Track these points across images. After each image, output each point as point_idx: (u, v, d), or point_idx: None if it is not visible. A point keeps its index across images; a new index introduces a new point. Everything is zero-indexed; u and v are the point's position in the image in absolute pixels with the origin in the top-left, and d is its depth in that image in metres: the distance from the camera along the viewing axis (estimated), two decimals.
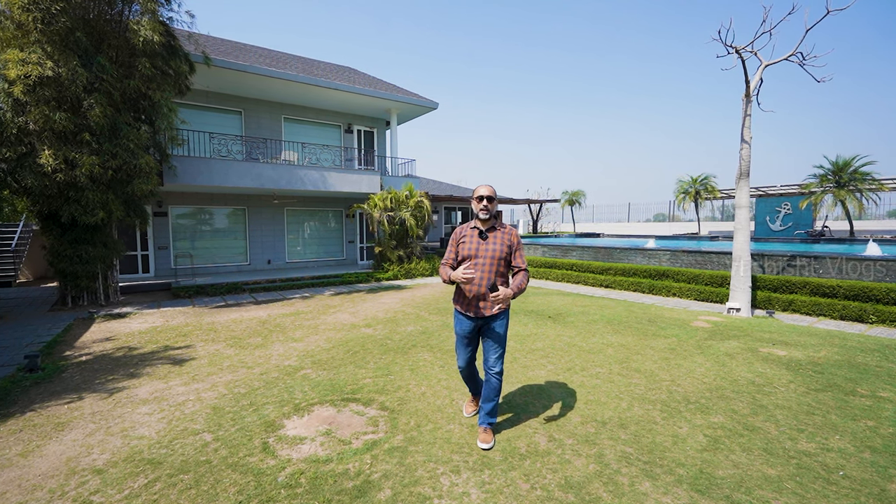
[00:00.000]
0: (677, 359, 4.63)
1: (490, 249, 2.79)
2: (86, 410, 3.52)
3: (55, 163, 7.38)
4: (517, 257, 2.87)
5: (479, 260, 2.78)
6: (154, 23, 8.19)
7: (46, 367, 4.71)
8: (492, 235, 2.84)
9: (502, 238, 2.84)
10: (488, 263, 2.78)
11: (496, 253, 2.79)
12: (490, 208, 2.84)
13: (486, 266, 2.78)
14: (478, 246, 2.82)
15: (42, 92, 7.11)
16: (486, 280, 2.76)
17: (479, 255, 2.79)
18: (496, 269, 2.78)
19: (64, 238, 8.55)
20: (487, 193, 2.83)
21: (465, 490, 2.35)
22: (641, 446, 2.79)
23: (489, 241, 2.82)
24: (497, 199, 2.88)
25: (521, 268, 2.86)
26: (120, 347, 5.61)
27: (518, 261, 2.87)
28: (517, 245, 2.87)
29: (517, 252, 2.87)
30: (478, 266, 2.78)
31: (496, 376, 2.84)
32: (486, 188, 2.86)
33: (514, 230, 2.94)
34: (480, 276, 2.76)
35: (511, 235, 2.88)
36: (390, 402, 3.53)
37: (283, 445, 2.85)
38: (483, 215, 2.83)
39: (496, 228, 2.88)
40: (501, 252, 2.80)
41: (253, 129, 13.76)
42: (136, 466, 2.63)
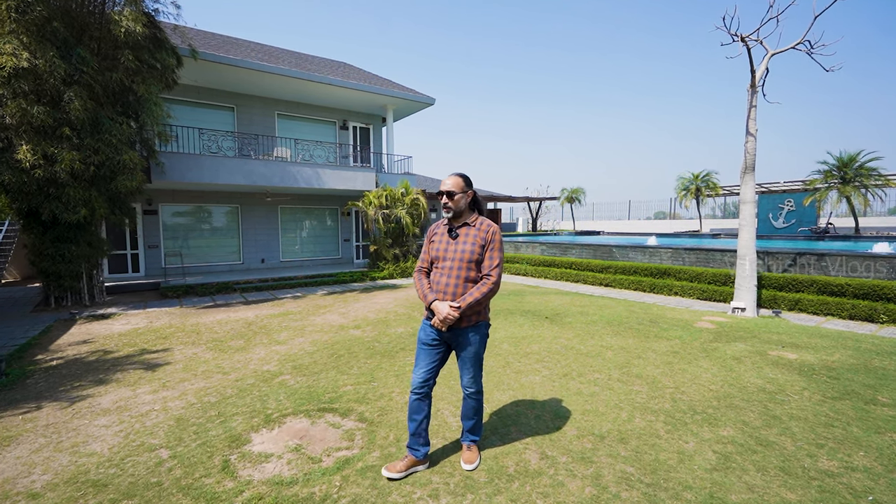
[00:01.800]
0: (681, 363, 4.34)
1: (458, 250, 2.39)
2: (40, 422, 3.25)
3: (33, 158, 7.10)
4: (488, 258, 2.39)
5: (447, 262, 2.40)
6: (137, 13, 7.91)
7: (11, 373, 4.44)
8: (463, 233, 2.43)
9: (475, 236, 2.40)
10: (456, 266, 2.37)
11: (465, 254, 2.37)
12: (452, 204, 2.42)
13: (453, 269, 2.37)
14: (447, 246, 2.44)
15: (18, 84, 6.83)
16: (452, 286, 2.36)
17: (447, 256, 2.41)
18: (465, 274, 2.36)
19: (46, 236, 8.27)
20: (446, 188, 2.41)
21: None
22: (643, 465, 2.51)
23: (459, 241, 2.41)
24: (465, 192, 2.42)
25: (487, 274, 2.37)
26: (95, 351, 5.34)
27: (487, 263, 2.38)
28: (492, 244, 2.40)
29: (491, 252, 2.39)
30: (444, 270, 2.40)
31: (473, 396, 2.51)
32: (449, 180, 2.44)
33: (493, 226, 2.45)
34: (447, 281, 2.38)
35: (486, 233, 2.41)
36: (370, 413, 3.25)
37: (245, 464, 2.57)
38: (445, 213, 2.46)
39: (469, 224, 2.44)
40: (472, 253, 2.37)
41: (245, 125, 13.47)
42: (78, 489, 2.35)
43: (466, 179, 2.48)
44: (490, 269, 2.37)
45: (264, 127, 13.80)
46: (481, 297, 2.32)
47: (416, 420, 2.46)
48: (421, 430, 2.47)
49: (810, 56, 6.71)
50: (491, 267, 2.37)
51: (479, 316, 2.43)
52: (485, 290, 2.33)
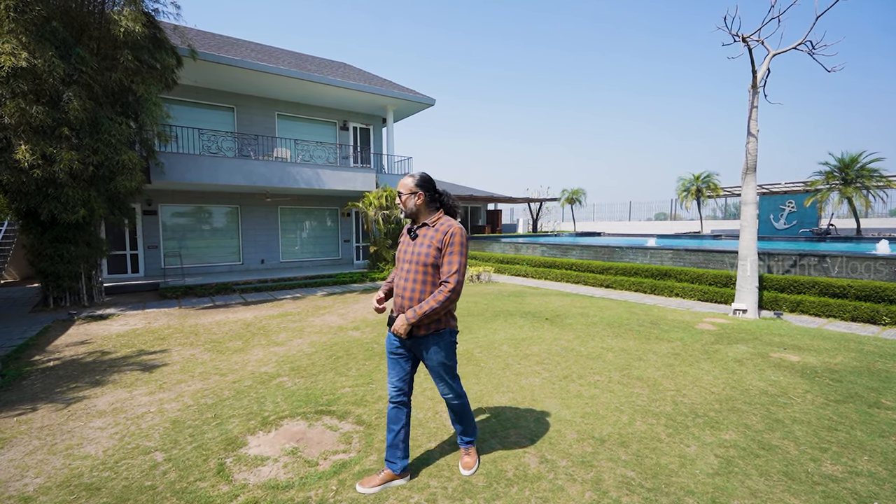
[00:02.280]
0: (682, 365, 4.31)
1: (415, 252, 2.25)
2: (35, 424, 3.21)
3: (32, 158, 7.08)
4: (447, 262, 2.19)
5: (405, 264, 2.29)
6: (136, 13, 7.89)
7: (7, 374, 4.41)
8: (422, 234, 2.28)
9: (431, 237, 2.22)
10: (413, 269, 2.24)
11: (420, 256, 2.22)
12: (401, 205, 2.32)
13: (410, 272, 2.25)
14: (406, 247, 2.33)
15: (17, 84, 6.81)
16: (408, 290, 2.23)
17: (405, 258, 2.30)
18: (422, 278, 2.21)
19: (44, 237, 8.25)
20: (398, 189, 2.32)
21: None
22: (644, 469, 2.47)
23: (417, 242, 2.27)
24: (415, 193, 2.27)
25: (445, 280, 2.18)
26: (93, 352, 5.31)
27: (446, 268, 2.19)
28: (450, 246, 2.19)
29: (450, 256, 2.18)
30: (402, 272, 2.29)
31: (453, 401, 2.41)
32: (404, 179, 2.33)
33: (454, 226, 2.25)
34: (404, 284, 2.26)
35: (445, 234, 2.21)
36: (367, 416, 3.21)
37: (240, 467, 2.53)
38: (399, 214, 2.35)
39: (428, 225, 2.28)
40: (427, 255, 2.20)
41: (245, 125, 13.45)
42: (71, 493, 2.32)
43: (418, 180, 2.31)
44: (448, 274, 2.19)
45: (264, 127, 13.78)
46: (437, 305, 2.15)
47: (393, 430, 2.36)
48: (398, 442, 2.36)
49: (812, 56, 6.67)
50: (449, 273, 2.19)
51: (440, 324, 2.26)
52: (441, 297, 2.16)
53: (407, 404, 2.39)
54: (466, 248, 2.24)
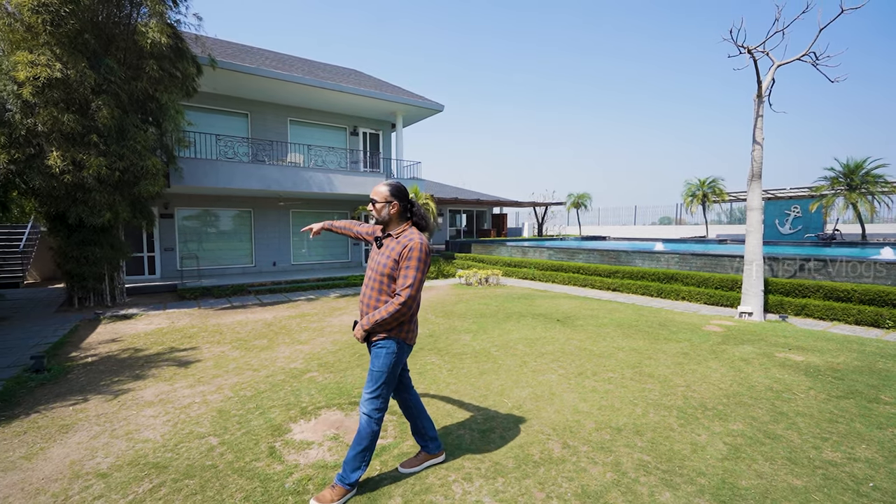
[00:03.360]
0: (691, 364, 4.52)
1: (376, 261, 2.30)
2: (91, 412, 3.48)
3: (63, 164, 7.40)
4: (402, 276, 2.20)
5: (368, 272, 2.35)
6: (162, 25, 8.23)
7: (52, 369, 4.68)
8: (386, 244, 2.32)
9: (392, 249, 2.26)
10: (373, 277, 2.29)
11: (379, 266, 2.27)
12: (375, 213, 2.35)
13: (370, 280, 2.31)
14: (373, 255, 2.38)
15: (50, 93, 7.14)
16: (367, 297, 2.30)
17: (370, 265, 2.36)
18: (378, 286, 2.26)
19: (71, 239, 8.56)
20: (371, 196, 2.36)
21: (479, 498, 2.27)
22: (659, 454, 2.70)
23: (381, 252, 2.32)
24: (389, 202, 2.31)
25: (397, 293, 2.20)
26: (125, 349, 5.58)
27: (401, 281, 2.20)
28: (407, 260, 2.20)
29: (406, 270, 2.19)
30: (366, 279, 2.36)
31: (363, 416, 2.28)
32: (378, 187, 2.35)
33: (414, 240, 2.24)
34: (364, 290, 2.35)
35: (404, 247, 2.22)
36: (397, 407, 3.45)
37: (289, 450, 2.78)
38: (371, 221, 2.44)
39: (393, 236, 2.32)
40: (385, 266, 2.24)
41: (259, 131, 13.79)
42: (141, 470, 2.57)
43: (393, 190, 2.34)
44: (402, 287, 2.19)
45: (277, 133, 14.11)
46: (387, 316, 2.17)
47: (411, 422, 2.59)
48: (418, 430, 2.57)
49: (815, 67, 6.90)
50: (402, 286, 2.19)
51: (390, 333, 2.26)
52: (391, 309, 2.17)
53: (408, 399, 2.51)
54: (425, 264, 2.23)
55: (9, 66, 6.99)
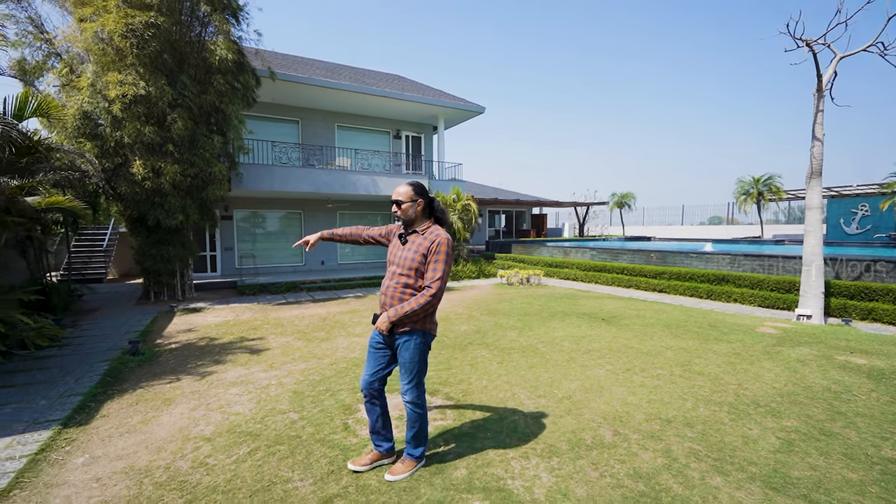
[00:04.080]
0: (743, 363, 4.50)
1: (403, 256, 2.43)
2: (185, 389, 3.97)
3: (144, 171, 8.24)
4: (431, 269, 2.35)
5: (393, 267, 2.46)
6: (228, 42, 8.96)
7: (145, 353, 5.30)
8: (411, 240, 2.45)
9: (419, 244, 2.40)
10: (398, 272, 2.41)
11: (406, 261, 2.39)
12: (400, 212, 2.47)
13: (395, 274, 2.42)
14: (396, 251, 2.50)
15: (135, 109, 7.97)
16: (391, 290, 2.41)
17: (394, 261, 2.48)
18: (405, 280, 2.38)
19: (149, 239, 9.46)
20: (395, 197, 2.47)
21: (536, 474, 2.48)
22: (710, 444, 2.80)
23: (406, 247, 2.45)
24: (415, 201, 2.45)
25: (428, 285, 2.34)
26: (202, 338, 6.18)
27: (430, 273, 2.35)
28: (436, 254, 2.35)
29: (434, 264, 2.35)
30: (389, 273, 2.47)
31: (408, 405, 2.48)
32: (400, 188, 2.48)
33: (441, 236, 2.41)
34: (388, 283, 2.45)
35: (432, 242, 2.37)
36: (454, 394, 3.72)
37: (361, 427, 3.11)
38: (395, 220, 2.57)
39: (418, 232, 2.46)
40: (413, 261, 2.37)
41: (309, 136, 14.56)
42: (238, 437, 2.98)
43: (417, 189, 2.48)
44: (431, 280, 2.34)
45: (325, 138, 14.84)
46: (417, 307, 2.30)
47: (371, 419, 2.56)
48: (378, 429, 2.55)
49: (884, 58, 6.55)
50: (433, 278, 2.33)
51: (417, 325, 2.39)
52: (422, 301, 2.31)
53: (379, 397, 2.53)
54: (451, 258, 2.40)
55: (102, 86, 7.87)
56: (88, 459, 2.74)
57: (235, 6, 9.50)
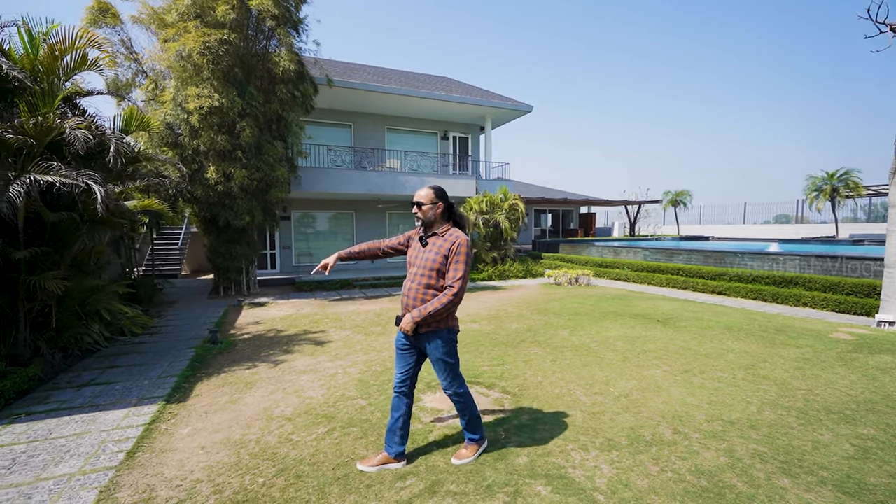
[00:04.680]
0: (814, 369, 4.29)
1: (424, 258, 2.49)
2: (262, 375, 4.38)
3: (217, 176, 8.98)
4: (452, 269, 2.42)
5: (414, 268, 2.52)
6: (291, 53, 9.57)
7: (223, 342, 5.85)
8: (431, 242, 2.51)
9: (440, 246, 2.47)
10: (419, 274, 2.47)
11: (428, 262, 2.46)
12: (421, 214, 2.54)
13: (417, 276, 2.48)
14: (417, 253, 2.56)
15: (210, 119, 8.72)
16: (413, 291, 2.47)
17: (415, 262, 2.54)
18: (426, 282, 2.44)
19: (220, 238, 10.29)
20: (417, 199, 2.55)
21: (597, 465, 2.57)
22: (776, 448, 2.75)
23: (427, 249, 2.51)
24: (435, 203, 2.53)
25: (450, 285, 2.40)
26: (269, 330, 6.69)
27: (451, 274, 2.41)
28: (457, 255, 2.42)
29: (455, 265, 2.42)
30: (411, 275, 2.54)
31: (453, 398, 2.60)
32: (421, 191, 2.56)
33: (461, 238, 2.48)
34: (410, 285, 2.51)
35: (452, 244, 2.45)
36: (511, 388, 3.85)
37: (425, 414, 3.32)
38: (417, 222, 2.62)
39: (438, 234, 2.52)
40: (434, 262, 2.44)
41: (361, 139, 15.15)
42: (315, 418, 3.28)
43: (438, 192, 2.55)
44: (453, 280, 2.40)
45: (375, 140, 15.38)
46: (441, 307, 2.37)
47: (393, 416, 2.60)
48: (396, 428, 2.57)
49: None
50: (454, 278, 2.40)
51: (440, 323, 2.46)
52: (445, 300, 2.38)
53: (409, 395, 2.60)
54: (471, 258, 2.48)
55: (182, 99, 8.68)
56: (192, 431, 3.14)
57: (296, 19, 10.12)
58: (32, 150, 3.85)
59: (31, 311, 4.41)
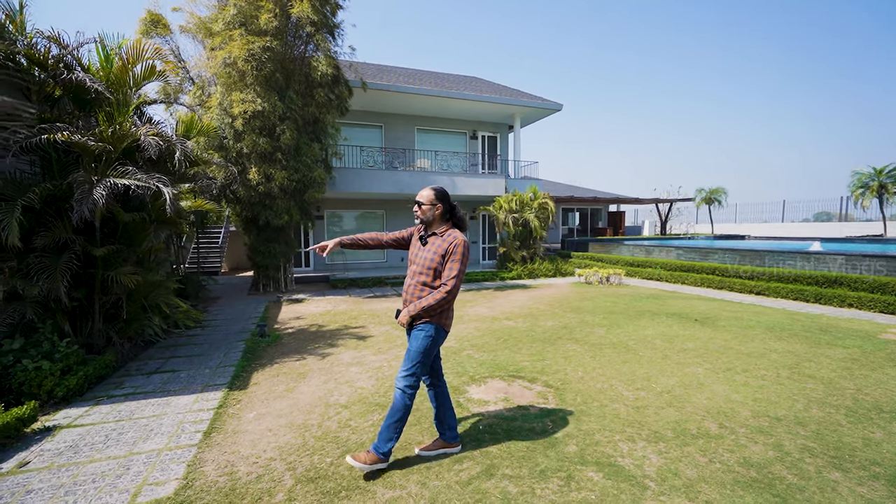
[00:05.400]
0: (862, 369, 4.22)
1: (423, 257, 2.59)
2: (312, 367, 4.63)
3: (258, 178, 9.39)
4: (448, 268, 2.50)
5: (413, 266, 2.64)
6: (328, 58, 9.88)
7: (271, 335, 6.17)
8: (430, 241, 2.61)
9: (438, 245, 2.56)
10: (418, 272, 2.58)
11: (426, 261, 2.56)
12: (420, 214, 2.63)
13: (415, 273, 2.60)
14: (417, 251, 2.67)
15: (253, 123, 9.13)
16: (411, 288, 2.60)
17: (415, 260, 2.65)
18: (423, 279, 2.54)
19: (259, 237, 10.74)
20: (417, 198, 2.64)
21: (645, 455, 2.67)
22: (826, 444, 2.78)
23: (426, 248, 2.61)
24: (435, 205, 2.60)
25: (444, 283, 2.49)
26: (311, 324, 6.99)
27: (446, 272, 2.50)
28: (452, 255, 2.50)
29: (451, 263, 2.50)
30: (410, 272, 2.66)
31: (398, 391, 2.55)
32: (423, 191, 2.64)
33: (458, 238, 2.56)
34: (408, 282, 2.64)
35: (450, 244, 2.53)
36: (553, 382, 3.97)
37: (472, 405, 3.48)
38: (416, 220, 2.70)
39: (437, 234, 2.62)
40: (432, 261, 2.53)
41: (391, 140, 15.44)
42: (369, 406, 3.49)
43: (438, 194, 2.62)
44: (447, 278, 2.49)
45: (406, 141, 15.64)
46: (434, 302, 2.46)
47: (434, 406, 2.77)
48: (441, 417, 2.73)
49: None
50: (448, 277, 2.49)
51: (431, 319, 2.53)
52: (438, 296, 2.46)
53: (437, 385, 2.72)
54: (467, 258, 2.55)
55: (227, 104, 9.12)
56: (257, 415, 3.40)
57: (332, 24, 10.43)
58: (110, 156, 4.22)
59: (105, 304, 4.81)
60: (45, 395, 3.53)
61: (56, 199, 4.09)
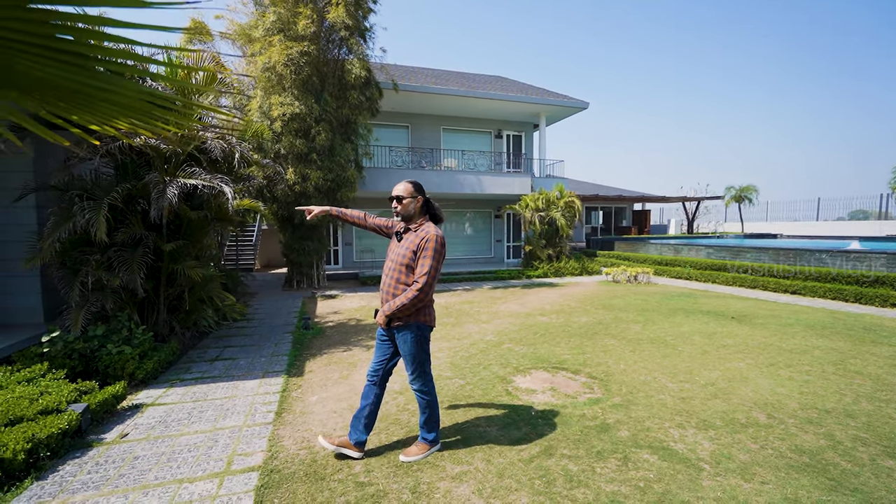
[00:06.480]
0: None
1: (397, 252, 2.54)
2: (360, 357, 4.87)
3: (295, 178, 9.75)
4: (420, 265, 2.43)
5: (389, 263, 2.58)
6: (361, 61, 10.17)
7: (315, 328, 6.46)
8: (405, 237, 2.56)
9: (411, 241, 2.49)
10: (393, 268, 2.52)
11: (399, 257, 2.50)
12: (400, 208, 2.56)
13: (391, 270, 2.54)
14: (393, 247, 2.62)
15: (291, 125, 9.48)
16: (387, 286, 2.54)
17: (389, 257, 2.60)
18: (397, 276, 2.49)
19: (294, 235, 11.11)
20: (396, 193, 2.57)
21: (696, 441, 2.79)
22: (877, 435, 2.84)
23: (401, 243, 2.56)
24: (415, 198, 2.55)
25: (416, 280, 2.42)
26: (349, 319, 7.26)
27: (418, 269, 2.43)
28: (424, 251, 2.43)
29: (423, 259, 2.42)
30: (385, 269, 2.61)
31: (416, 393, 2.63)
32: (400, 185, 2.58)
33: (431, 233, 2.47)
34: (384, 279, 2.59)
35: (422, 239, 2.45)
36: (596, 373, 4.10)
37: (521, 393, 3.65)
38: (395, 217, 2.64)
39: (412, 230, 2.55)
40: (404, 257, 2.47)
41: (417, 140, 15.69)
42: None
43: (416, 186, 2.58)
44: (419, 275, 2.41)
45: (432, 140, 15.86)
46: (407, 302, 2.40)
47: (362, 404, 2.64)
48: (363, 416, 2.60)
49: None
50: (420, 273, 2.41)
51: (410, 318, 2.48)
52: (410, 295, 2.40)
53: (378, 385, 2.63)
54: (440, 255, 2.45)
55: (266, 107, 9.50)
56: (319, 399, 3.65)
57: (364, 28, 10.72)
58: (178, 158, 4.54)
59: (169, 296, 5.16)
60: (126, 376, 3.86)
61: (132, 198, 4.44)
